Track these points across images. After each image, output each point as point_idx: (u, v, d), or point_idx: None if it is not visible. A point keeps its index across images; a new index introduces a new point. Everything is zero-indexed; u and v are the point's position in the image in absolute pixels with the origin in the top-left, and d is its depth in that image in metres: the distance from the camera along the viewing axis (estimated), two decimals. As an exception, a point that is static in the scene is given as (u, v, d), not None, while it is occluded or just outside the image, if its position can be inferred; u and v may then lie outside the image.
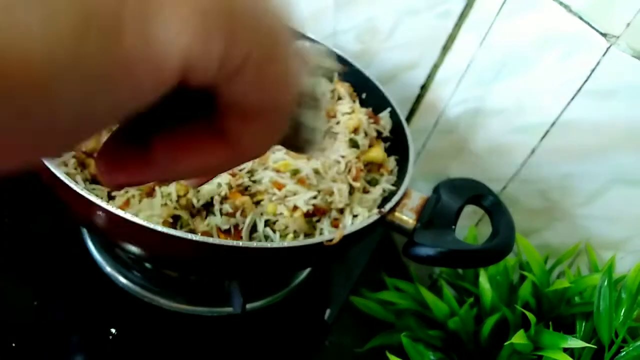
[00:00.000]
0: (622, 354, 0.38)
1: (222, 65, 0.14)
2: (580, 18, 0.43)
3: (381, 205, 0.47)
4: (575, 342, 0.38)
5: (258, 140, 0.17)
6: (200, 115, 0.16)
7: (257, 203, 0.45)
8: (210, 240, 0.36)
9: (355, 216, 0.47)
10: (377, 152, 0.53)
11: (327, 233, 0.45)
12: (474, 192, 0.46)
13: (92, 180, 0.44)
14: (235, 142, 0.16)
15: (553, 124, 0.47)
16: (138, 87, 0.13)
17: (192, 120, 0.17)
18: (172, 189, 0.43)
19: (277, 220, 0.44)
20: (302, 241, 0.42)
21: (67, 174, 0.38)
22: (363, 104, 0.58)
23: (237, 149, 0.17)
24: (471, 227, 0.53)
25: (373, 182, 0.51)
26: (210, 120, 0.16)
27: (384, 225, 0.44)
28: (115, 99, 0.12)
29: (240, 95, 0.15)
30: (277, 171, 0.46)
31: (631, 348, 0.38)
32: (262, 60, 0.14)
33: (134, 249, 0.39)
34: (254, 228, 0.44)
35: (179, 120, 0.17)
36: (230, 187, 0.44)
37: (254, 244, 0.38)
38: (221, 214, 0.43)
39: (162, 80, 0.13)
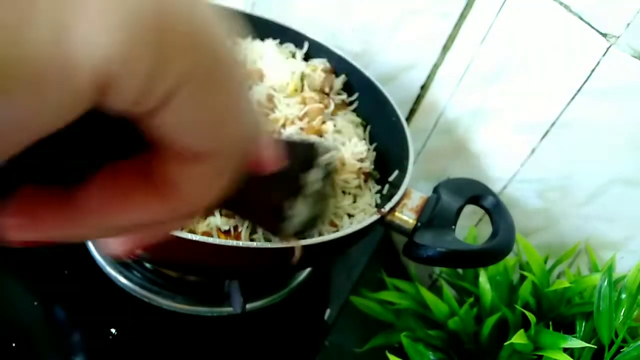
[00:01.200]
0: (622, 354, 0.38)
1: (149, 87, 0.11)
2: (580, 18, 0.43)
3: (381, 205, 0.47)
4: (575, 342, 0.38)
5: (199, 190, 0.13)
6: (134, 161, 0.13)
7: (257, 203, 0.45)
8: (210, 240, 0.36)
9: (353, 216, 0.47)
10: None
11: (326, 233, 0.45)
12: (474, 192, 0.46)
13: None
14: (172, 191, 0.13)
15: (553, 124, 0.47)
16: (44, 96, 0.10)
17: (126, 167, 0.14)
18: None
19: (277, 221, 0.44)
20: (301, 241, 0.42)
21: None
22: (350, 104, 0.59)
23: (175, 199, 0.13)
24: (471, 227, 0.53)
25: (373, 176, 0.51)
26: (144, 166, 0.13)
27: (384, 225, 0.44)
28: (18, 107, 0.10)
29: (174, 132, 0.12)
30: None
31: (631, 348, 0.38)
32: (199, 85, 0.11)
33: (134, 249, 0.39)
34: (253, 229, 0.44)
35: (110, 161, 0.14)
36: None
37: (254, 244, 0.38)
38: (221, 214, 0.43)
39: (74, 92, 0.10)
